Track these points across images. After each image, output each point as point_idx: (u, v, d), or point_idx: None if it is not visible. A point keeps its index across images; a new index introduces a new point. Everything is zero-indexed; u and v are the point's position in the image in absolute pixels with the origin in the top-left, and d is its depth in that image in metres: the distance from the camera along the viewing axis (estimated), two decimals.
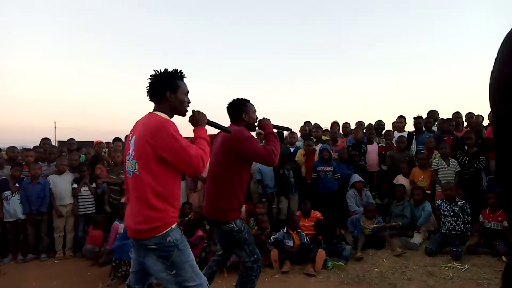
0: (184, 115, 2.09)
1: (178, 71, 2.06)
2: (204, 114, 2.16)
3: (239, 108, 2.65)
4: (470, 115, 6.44)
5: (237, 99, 2.69)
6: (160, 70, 2.04)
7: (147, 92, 2.05)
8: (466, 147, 5.49)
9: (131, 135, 2.03)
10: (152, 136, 1.85)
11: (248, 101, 2.71)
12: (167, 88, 2.00)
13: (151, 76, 2.04)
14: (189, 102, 2.10)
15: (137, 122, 2.08)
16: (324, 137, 6.79)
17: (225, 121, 2.63)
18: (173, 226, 1.94)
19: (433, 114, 6.70)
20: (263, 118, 2.71)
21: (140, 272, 2.05)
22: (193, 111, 2.13)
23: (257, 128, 2.76)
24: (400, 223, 5.10)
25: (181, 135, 1.90)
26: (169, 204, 1.93)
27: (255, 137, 3.01)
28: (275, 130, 2.67)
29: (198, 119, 2.11)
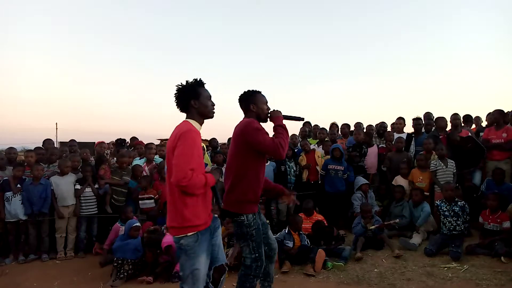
0: (211, 117, 2.28)
1: (198, 79, 2.24)
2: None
3: (247, 99, 2.65)
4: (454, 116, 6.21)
5: (247, 90, 2.68)
6: (182, 83, 2.23)
7: (176, 104, 2.25)
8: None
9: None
10: (175, 141, 2.06)
11: (258, 92, 2.68)
12: (190, 97, 2.20)
13: (175, 90, 2.23)
14: (214, 105, 2.28)
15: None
16: (326, 139, 6.81)
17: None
18: (189, 234, 2.07)
19: (429, 115, 6.67)
20: (274, 110, 2.66)
21: None
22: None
23: (269, 119, 2.69)
24: (398, 220, 5.05)
25: (199, 142, 2.09)
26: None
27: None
28: (286, 121, 2.65)
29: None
